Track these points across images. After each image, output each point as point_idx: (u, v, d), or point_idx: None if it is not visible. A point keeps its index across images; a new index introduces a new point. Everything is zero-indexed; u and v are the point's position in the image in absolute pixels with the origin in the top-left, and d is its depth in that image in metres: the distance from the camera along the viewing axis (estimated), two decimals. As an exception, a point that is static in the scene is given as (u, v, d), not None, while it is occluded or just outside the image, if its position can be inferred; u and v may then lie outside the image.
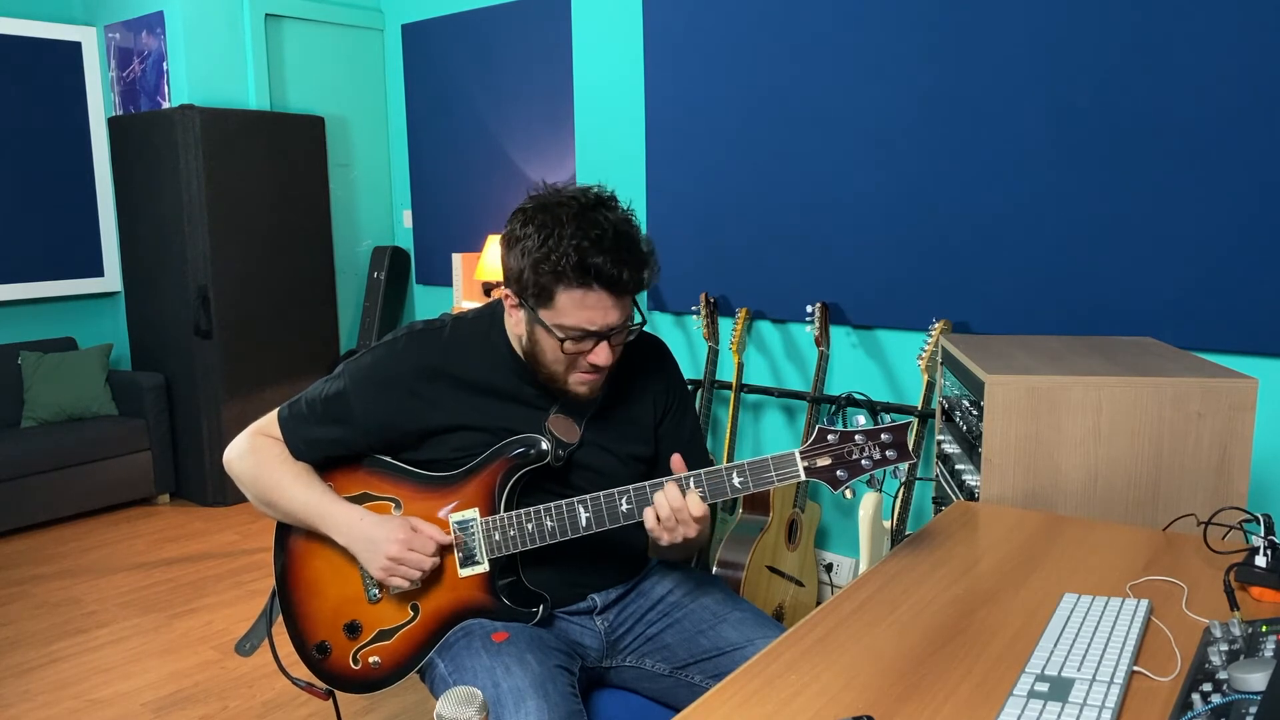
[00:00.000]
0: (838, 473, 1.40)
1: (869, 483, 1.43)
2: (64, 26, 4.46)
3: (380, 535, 1.49)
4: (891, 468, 1.41)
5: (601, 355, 1.44)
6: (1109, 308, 2.73)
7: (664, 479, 1.43)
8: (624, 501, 1.44)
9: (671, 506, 1.40)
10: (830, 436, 1.40)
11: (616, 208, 1.44)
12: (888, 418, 1.44)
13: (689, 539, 1.43)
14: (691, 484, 1.43)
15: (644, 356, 1.65)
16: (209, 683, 2.75)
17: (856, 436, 1.40)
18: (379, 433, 1.55)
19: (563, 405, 1.55)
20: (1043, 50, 2.76)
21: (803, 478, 1.39)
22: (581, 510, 1.46)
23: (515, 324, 1.50)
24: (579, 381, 1.49)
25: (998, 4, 2.83)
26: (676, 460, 1.45)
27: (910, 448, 1.41)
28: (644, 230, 1.47)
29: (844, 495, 1.42)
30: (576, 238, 1.36)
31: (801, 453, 1.40)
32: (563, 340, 1.42)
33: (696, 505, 1.41)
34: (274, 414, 1.62)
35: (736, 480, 1.41)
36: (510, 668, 1.40)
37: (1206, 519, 1.46)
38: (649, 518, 1.42)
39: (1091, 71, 2.69)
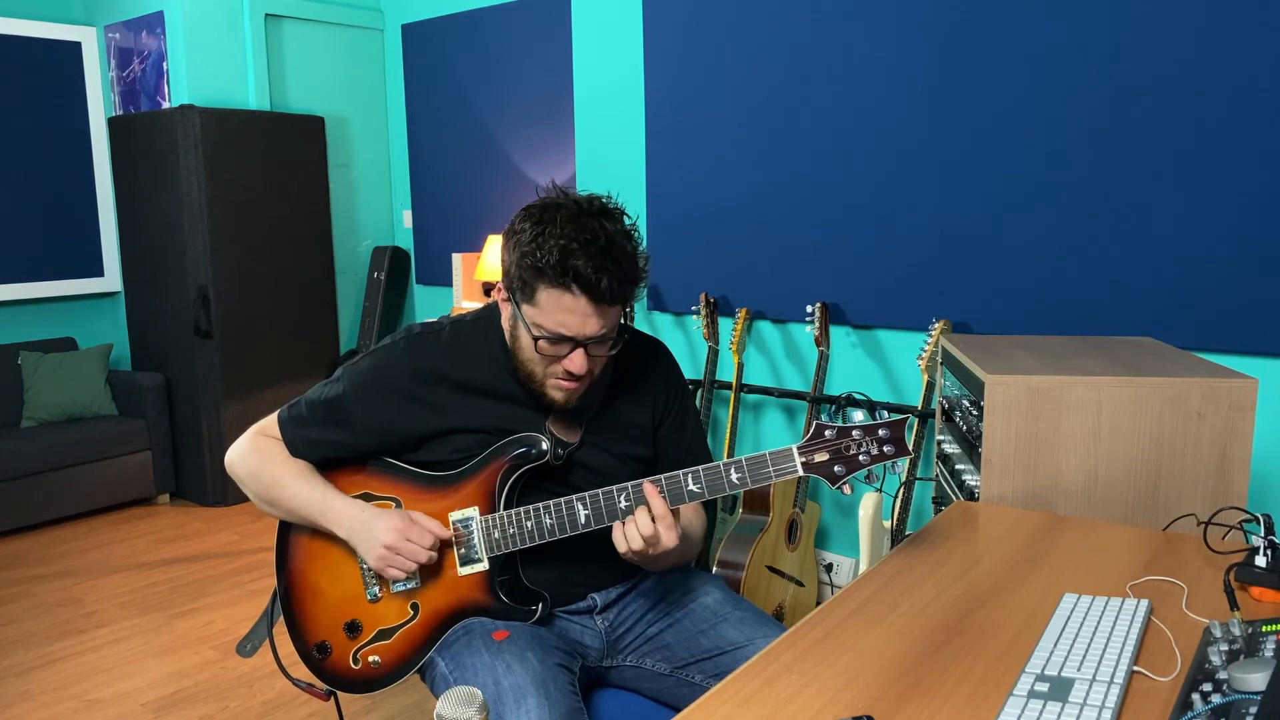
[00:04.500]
0: (835, 468, 1.40)
1: (867, 479, 1.43)
2: (64, 26, 4.46)
3: (378, 525, 1.49)
4: (890, 463, 1.41)
5: (576, 363, 1.43)
6: (1109, 308, 2.73)
7: (665, 475, 1.43)
8: (622, 499, 1.44)
9: (653, 514, 1.40)
10: (828, 432, 1.40)
11: (618, 219, 1.43)
12: (885, 413, 1.44)
13: (668, 549, 1.42)
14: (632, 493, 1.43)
15: (644, 359, 1.65)
16: (209, 683, 2.75)
17: (854, 432, 1.40)
18: (378, 436, 1.55)
19: (578, 404, 1.55)
20: (1043, 50, 2.76)
21: (800, 473, 1.40)
22: (580, 508, 1.46)
23: (505, 318, 1.51)
24: (554, 387, 1.48)
25: (997, 4, 2.83)
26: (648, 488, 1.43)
27: (908, 443, 1.41)
28: (645, 233, 1.47)
29: (842, 491, 1.41)
30: (565, 238, 1.36)
31: (799, 448, 1.40)
32: (537, 339, 1.43)
33: (657, 504, 1.40)
34: (274, 416, 1.63)
35: (734, 476, 1.41)
36: (511, 665, 1.40)
37: (1206, 519, 1.46)
38: (626, 544, 1.41)
39: (1091, 71, 2.69)
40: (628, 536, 1.41)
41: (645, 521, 1.40)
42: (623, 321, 1.52)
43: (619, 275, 1.38)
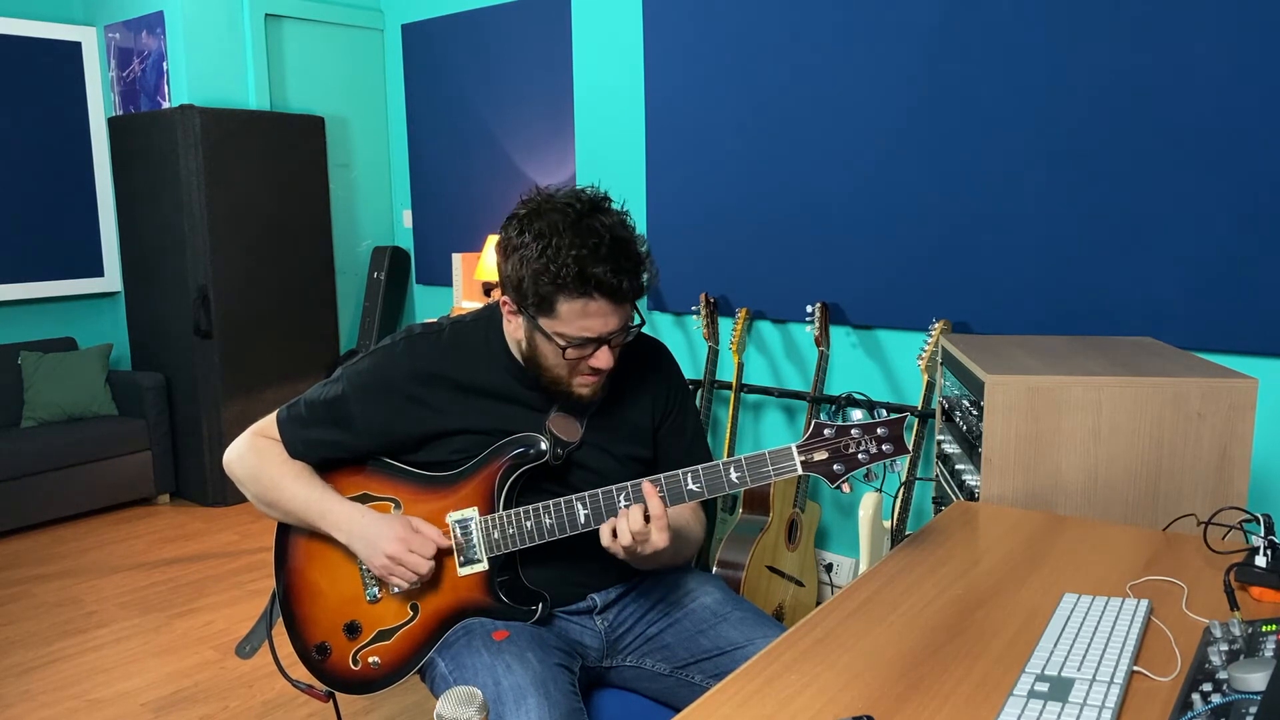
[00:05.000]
0: (834, 467, 1.40)
1: (866, 478, 1.43)
2: (64, 26, 4.46)
3: (380, 533, 1.49)
4: (889, 462, 1.41)
5: (602, 359, 1.45)
6: (1109, 308, 2.73)
7: (664, 475, 1.43)
8: (622, 499, 1.44)
9: (649, 514, 1.40)
10: (827, 431, 1.40)
11: (611, 211, 1.43)
12: (884, 412, 1.44)
13: (658, 549, 1.43)
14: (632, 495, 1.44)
15: (644, 359, 1.65)
16: (209, 683, 2.75)
17: (853, 431, 1.40)
18: (378, 437, 1.55)
19: (563, 405, 1.55)
20: (1042, 50, 2.76)
21: (800, 472, 1.40)
22: (580, 508, 1.46)
23: (514, 330, 1.50)
24: (582, 384, 1.49)
25: (997, 5, 2.83)
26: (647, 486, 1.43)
27: (907, 442, 1.41)
28: (643, 230, 1.48)
29: (842, 490, 1.41)
30: (575, 248, 1.36)
31: (798, 447, 1.40)
32: (564, 348, 1.43)
33: (655, 505, 1.41)
34: (273, 416, 1.63)
35: (734, 475, 1.41)
36: (511, 665, 1.40)
37: (1206, 519, 1.46)
38: (613, 540, 1.42)
39: (1092, 71, 2.69)
40: (617, 532, 1.41)
41: (637, 519, 1.40)
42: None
43: (634, 271, 1.40)
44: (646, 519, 1.41)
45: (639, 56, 3.70)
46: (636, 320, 1.50)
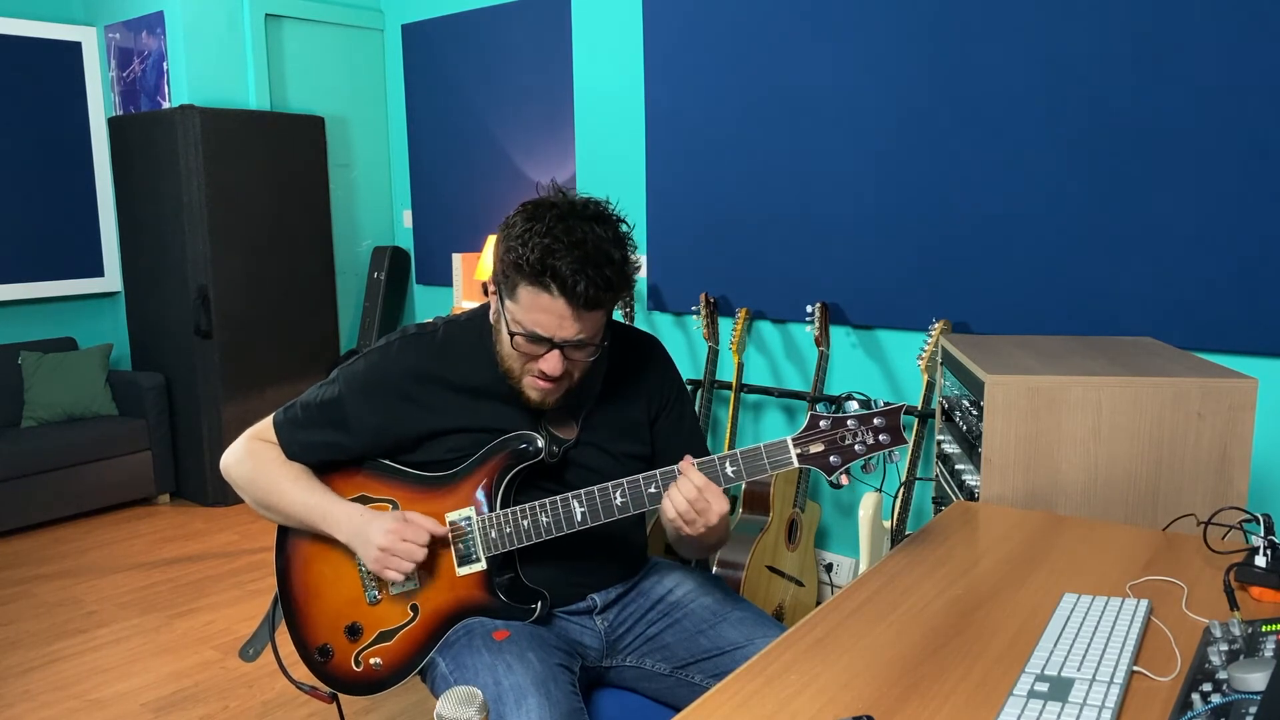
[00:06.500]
0: (831, 459, 1.39)
1: (864, 468, 1.42)
2: (64, 26, 4.46)
3: (373, 528, 1.49)
4: (886, 452, 1.40)
5: (550, 364, 1.42)
6: (1109, 308, 2.73)
7: (660, 471, 1.43)
8: (618, 495, 1.44)
9: (696, 487, 1.38)
10: (823, 422, 1.40)
11: (610, 225, 1.41)
12: (880, 402, 1.43)
13: (724, 514, 1.40)
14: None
15: (639, 355, 1.65)
16: (209, 683, 2.75)
17: (849, 421, 1.39)
18: (374, 437, 1.55)
19: (558, 404, 1.55)
20: (1043, 51, 2.76)
21: (796, 465, 1.39)
22: (576, 505, 1.46)
23: (492, 312, 1.51)
24: (530, 385, 1.48)
25: (998, 5, 2.83)
26: (687, 463, 1.42)
27: (904, 432, 1.40)
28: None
29: (840, 482, 1.41)
30: (549, 237, 1.35)
31: (794, 440, 1.40)
32: (513, 335, 1.42)
33: (697, 477, 1.39)
34: (269, 419, 1.63)
35: (730, 469, 1.40)
36: (511, 665, 1.40)
37: (1206, 519, 1.46)
38: (671, 511, 1.40)
39: (1091, 72, 2.69)
40: (674, 501, 1.39)
41: (689, 486, 1.38)
42: (620, 318, 1.52)
43: (598, 281, 1.36)
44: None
45: (639, 56, 3.70)
46: (615, 324, 1.48)
